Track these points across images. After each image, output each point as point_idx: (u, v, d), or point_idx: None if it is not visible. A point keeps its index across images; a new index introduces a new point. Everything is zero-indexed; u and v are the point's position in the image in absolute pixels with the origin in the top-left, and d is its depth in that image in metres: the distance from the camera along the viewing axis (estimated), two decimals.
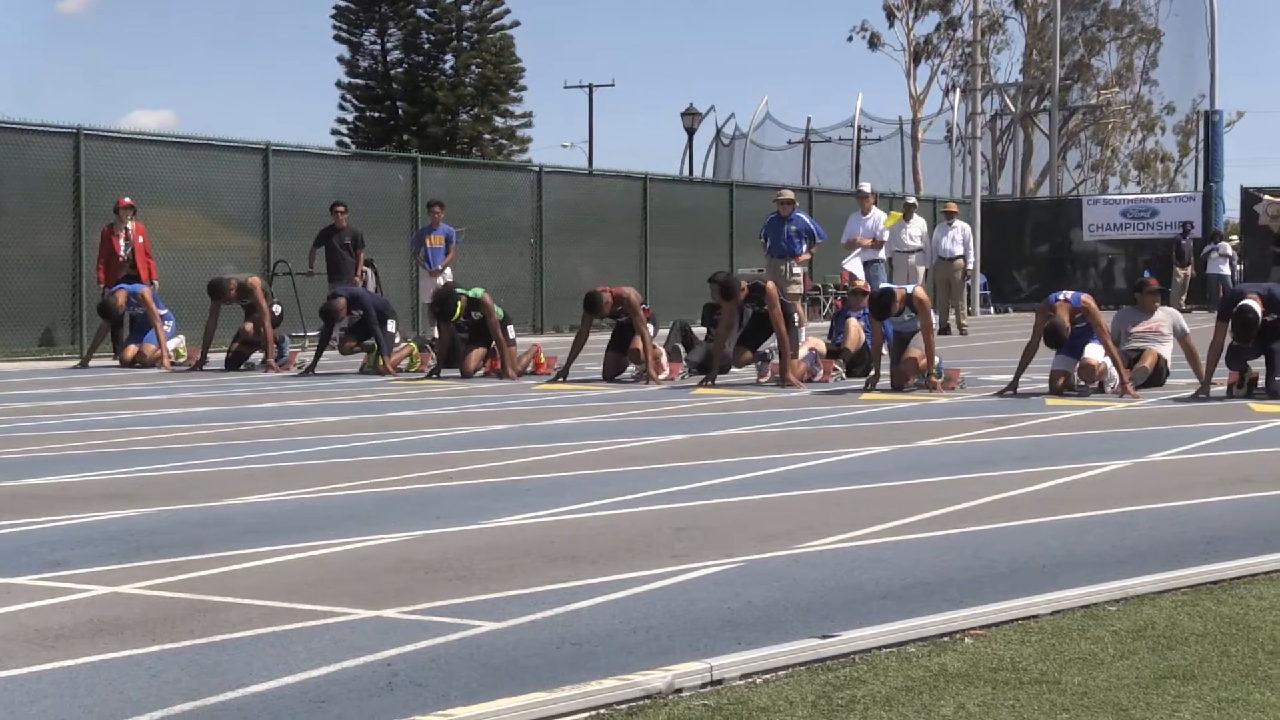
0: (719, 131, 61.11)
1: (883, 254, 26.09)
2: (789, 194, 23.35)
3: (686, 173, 54.62)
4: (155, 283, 21.84)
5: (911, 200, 30.60)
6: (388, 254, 26.94)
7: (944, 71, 59.81)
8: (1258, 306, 14.41)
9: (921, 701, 4.80)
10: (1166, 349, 16.03)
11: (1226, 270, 38.73)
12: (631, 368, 17.64)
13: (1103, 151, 64.18)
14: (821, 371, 17.27)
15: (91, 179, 23.24)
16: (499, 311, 18.18)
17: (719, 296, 17.17)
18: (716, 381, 16.63)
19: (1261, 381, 14.88)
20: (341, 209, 24.40)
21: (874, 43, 59.17)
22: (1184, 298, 38.40)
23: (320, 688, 4.92)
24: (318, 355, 19.37)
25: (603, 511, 8.35)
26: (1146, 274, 21.52)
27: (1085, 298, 15.40)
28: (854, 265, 25.28)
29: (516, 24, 65.11)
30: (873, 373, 16.02)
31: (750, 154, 59.38)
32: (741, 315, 17.58)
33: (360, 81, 64.94)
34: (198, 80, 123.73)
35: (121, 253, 21.73)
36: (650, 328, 17.59)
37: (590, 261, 31.83)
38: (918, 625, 5.64)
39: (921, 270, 28.37)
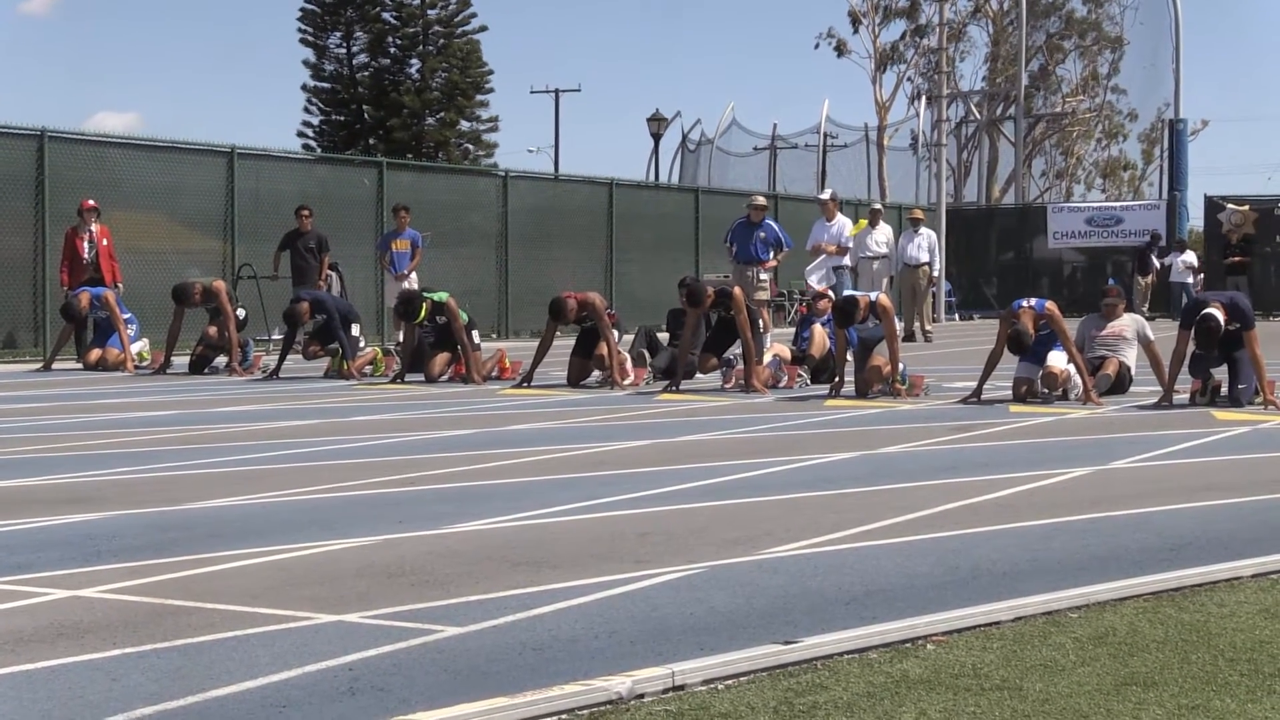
0: (685, 137, 61.16)
1: (848, 260, 26.11)
2: (762, 200, 23.38)
3: (652, 178, 54.63)
4: (120, 285, 21.77)
5: (877, 207, 30.65)
6: (353, 258, 26.89)
7: (909, 79, 59.93)
8: (1220, 315, 14.47)
9: (883, 708, 4.81)
10: (1130, 356, 16.07)
11: (1190, 279, 38.89)
12: (596, 373, 17.64)
13: (1068, 159, 64.39)
14: (786, 378, 17.30)
15: (55, 181, 23.13)
16: (464, 316, 18.17)
17: (687, 302, 17.17)
18: (681, 387, 16.64)
19: (1224, 390, 14.95)
20: (306, 213, 24.35)
21: (840, 50, 59.18)
22: (1146, 306, 38.53)
23: (282, 692, 4.91)
24: (281, 359, 19.32)
25: (566, 517, 8.35)
26: (1111, 281, 21.61)
27: (1049, 305, 15.45)
28: (814, 277, 25.33)
29: (483, 29, 65.12)
30: (837, 379, 16.04)
31: (716, 160, 59.43)
32: (707, 321, 17.59)
33: (326, 85, 64.78)
34: (164, 83, 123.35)
35: (85, 255, 21.64)
36: (615, 333, 17.59)
37: (556, 266, 31.80)
38: (879, 631, 5.65)
39: (886, 278, 28.42)
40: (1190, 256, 39.99)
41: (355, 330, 19.44)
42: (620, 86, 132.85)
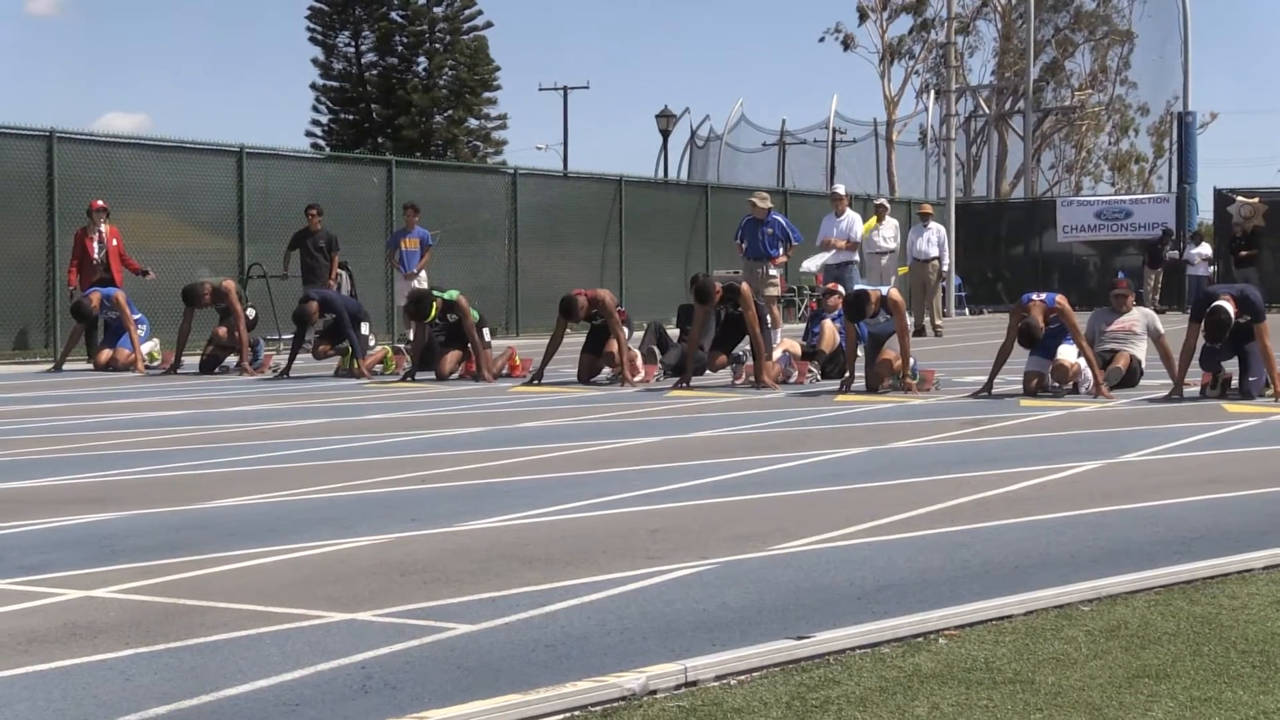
0: (694, 134, 61.15)
1: (856, 256, 26.08)
2: (763, 197, 23.36)
3: (661, 175, 54.64)
4: (149, 274, 21.83)
5: (881, 202, 30.61)
6: (363, 257, 26.88)
7: (918, 73, 59.86)
8: (1230, 308, 14.45)
9: (895, 702, 4.81)
10: (1141, 349, 16.07)
11: (1203, 272, 38.85)
12: (606, 370, 17.64)
13: (1077, 153, 64.29)
14: (796, 373, 17.28)
15: (65, 182, 23.17)
16: (474, 314, 18.19)
17: (695, 298, 17.16)
18: (691, 383, 16.64)
19: (1235, 382, 14.93)
20: (316, 212, 24.35)
21: (848, 44, 59.10)
22: (1156, 298, 38.51)
23: (294, 690, 4.91)
24: (291, 358, 19.34)
25: (578, 514, 8.35)
26: (1121, 274, 21.58)
27: (1059, 298, 15.43)
28: (813, 263, 25.30)
29: (489, 25, 65.24)
30: (847, 374, 16.04)
31: (725, 156, 59.42)
32: (717, 317, 17.59)
33: (334, 84, 64.92)
34: (173, 83, 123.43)
35: (95, 256, 21.64)
36: (625, 330, 17.59)
37: (566, 264, 31.80)
38: (892, 626, 5.65)
39: (893, 273, 28.40)
40: (1206, 248, 39.94)
41: (365, 329, 19.44)
42: (629, 83, 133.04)
